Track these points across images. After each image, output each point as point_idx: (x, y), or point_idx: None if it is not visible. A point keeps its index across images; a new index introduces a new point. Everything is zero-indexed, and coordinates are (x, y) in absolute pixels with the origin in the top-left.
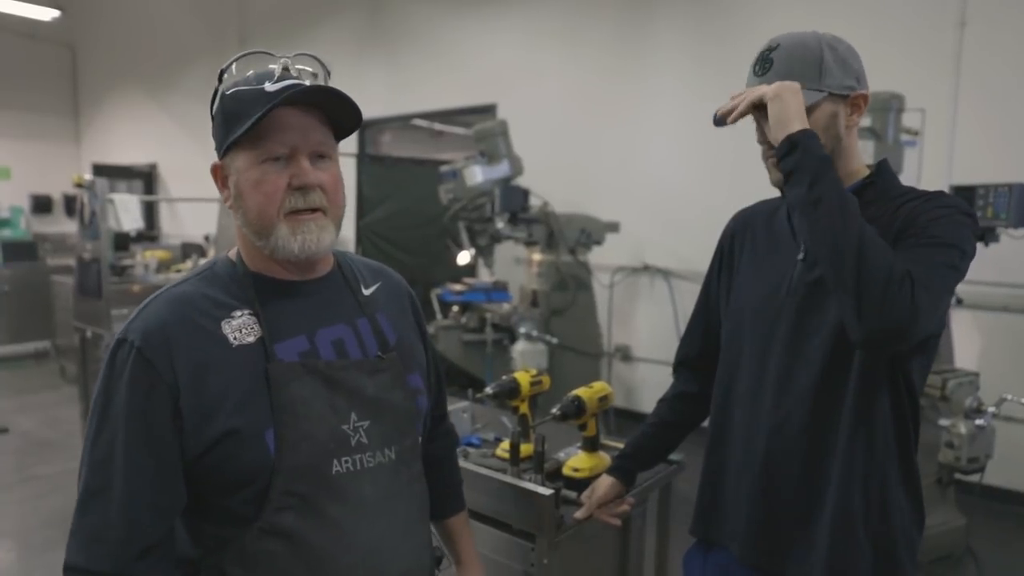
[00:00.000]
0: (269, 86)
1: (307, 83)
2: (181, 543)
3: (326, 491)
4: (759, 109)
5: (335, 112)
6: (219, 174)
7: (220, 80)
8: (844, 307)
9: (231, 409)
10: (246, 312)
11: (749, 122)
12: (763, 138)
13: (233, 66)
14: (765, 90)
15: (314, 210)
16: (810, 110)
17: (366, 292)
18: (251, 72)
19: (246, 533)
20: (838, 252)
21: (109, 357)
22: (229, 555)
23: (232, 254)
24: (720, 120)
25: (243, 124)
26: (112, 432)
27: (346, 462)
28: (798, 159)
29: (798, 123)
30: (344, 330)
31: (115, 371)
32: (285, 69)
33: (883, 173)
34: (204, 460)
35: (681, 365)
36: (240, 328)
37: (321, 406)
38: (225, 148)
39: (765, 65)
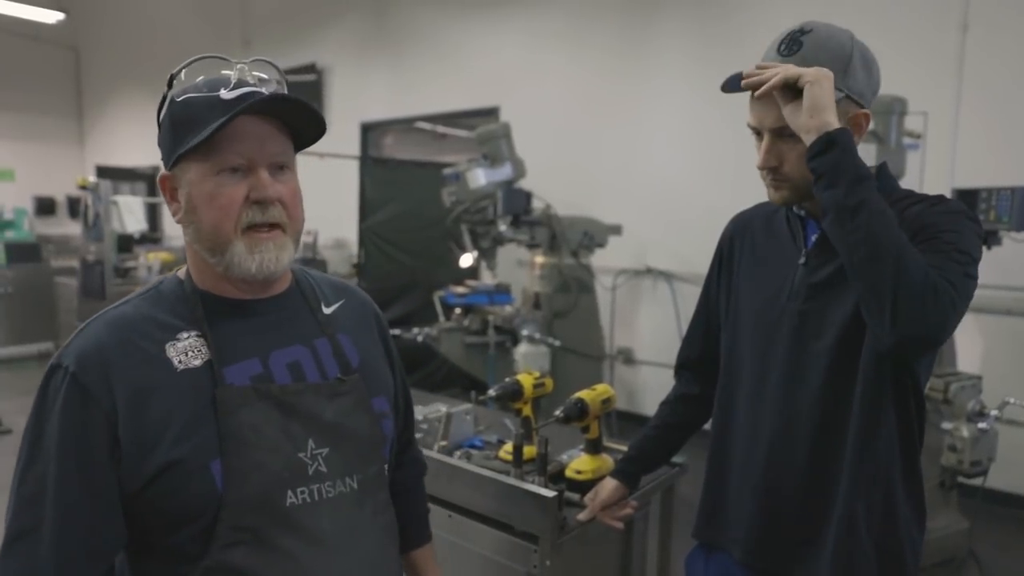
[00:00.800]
0: (225, 93)
1: (264, 91)
2: None
3: (279, 525)
4: (787, 90)
5: (295, 121)
6: (167, 186)
7: (169, 86)
8: (876, 314)
9: (174, 438)
10: (193, 334)
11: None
12: (766, 163)
13: (183, 72)
14: (804, 72)
15: (272, 226)
16: None
17: (326, 311)
18: (201, 78)
19: (193, 572)
20: (877, 259)
21: (42, 384)
22: None
23: (181, 272)
24: (732, 85)
25: (196, 133)
26: (43, 466)
27: (302, 493)
28: (837, 159)
29: (833, 117)
30: (301, 351)
31: (48, 399)
32: (241, 76)
33: (883, 177)
34: (145, 494)
35: (682, 367)
36: (186, 351)
37: (274, 433)
38: (175, 158)
39: (793, 47)
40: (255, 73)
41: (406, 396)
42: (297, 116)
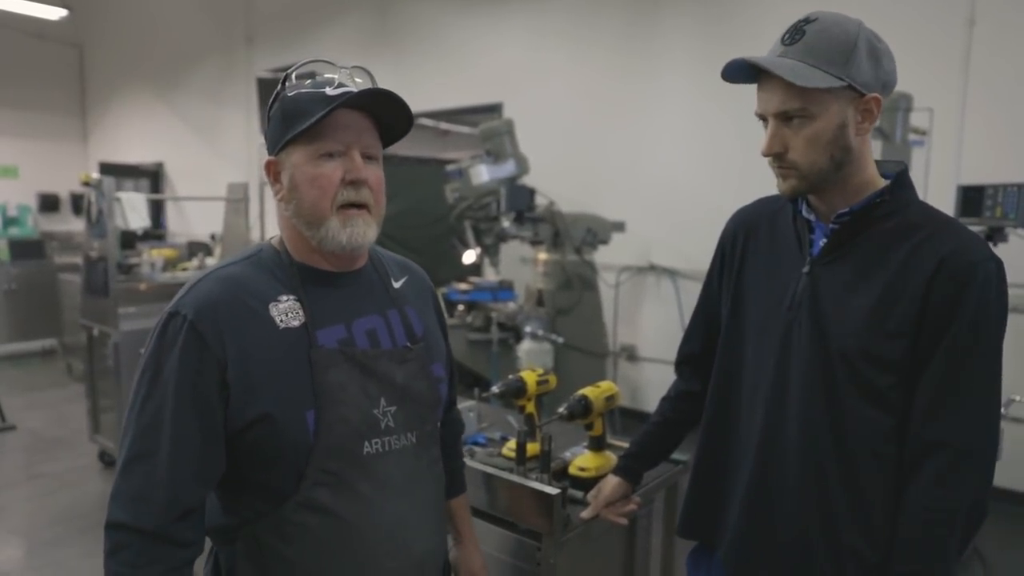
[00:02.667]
0: (330, 91)
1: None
2: (217, 513)
3: (358, 469)
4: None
5: (386, 119)
6: (272, 169)
7: (282, 85)
8: None
9: (275, 388)
10: (291, 298)
11: (756, 121)
12: (770, 149)
13: (294, 74)
14: None
15: (362, 206)
16: (822, 103)
17: (396, 285)
18: (309, 80)
19: (284, 506)
20: None
21: (160, 328)
22: (266, 526)
23: (275, 242)
24: (731, 72)
25: (304, 122)
26: (161, 399)
27: (375, 443)
28: None
29: None
30: (377, 320)
31: (166, 341)
32: (343, 78)
33: (900, 187)
34: (246, 435)
35: (683, 363)
36: (286, 312)
37: (356, 391)
38: (283, 144)
39: (796, 36)
40: (356, 79)
41: (451, 363)
42: (389, 112)
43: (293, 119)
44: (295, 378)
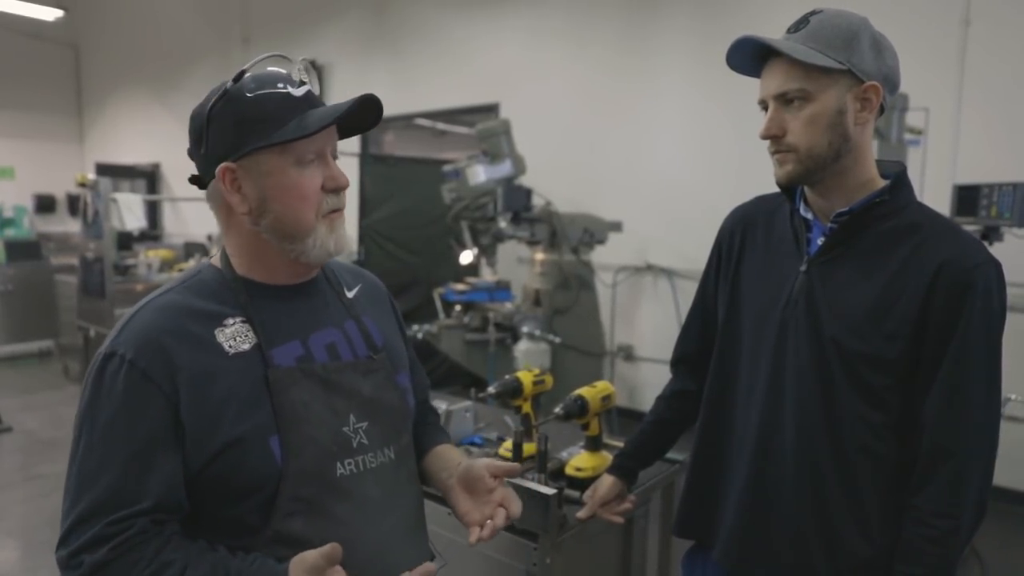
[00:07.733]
0: (293, 91)
1: (314, 87)
2: None
3: (332, 494)
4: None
5: (353, 118)
6: (229, 177)
7: (236, 82)
8: None
9: (233, 418)
10: (238, 320)
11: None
12: (767, 131)
13: (249, 70)
14: None
15: (338, 209)
16: (821, 84)
17: (349, 295)
18: (249, 75)
19: (256, 542)
20: None
21: (96, 373)
22: None
23: (215, 260)
24: (733, 58)
25: (272, 128)
26: (103, 454)
27: (349, 464)
28: None
29: None
30: (335, 333)
31: (103, 387)
32: (300, 74)
33: (900, 187)
34: (209, 470)
35: (679, 362)
36: (234, 336)
37: (321, 409)
38: (246, 151)
39: (800, 25)
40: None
41: (415, 364)
42: (359, 115)
43: (258, 123)
44: (253, 404)
